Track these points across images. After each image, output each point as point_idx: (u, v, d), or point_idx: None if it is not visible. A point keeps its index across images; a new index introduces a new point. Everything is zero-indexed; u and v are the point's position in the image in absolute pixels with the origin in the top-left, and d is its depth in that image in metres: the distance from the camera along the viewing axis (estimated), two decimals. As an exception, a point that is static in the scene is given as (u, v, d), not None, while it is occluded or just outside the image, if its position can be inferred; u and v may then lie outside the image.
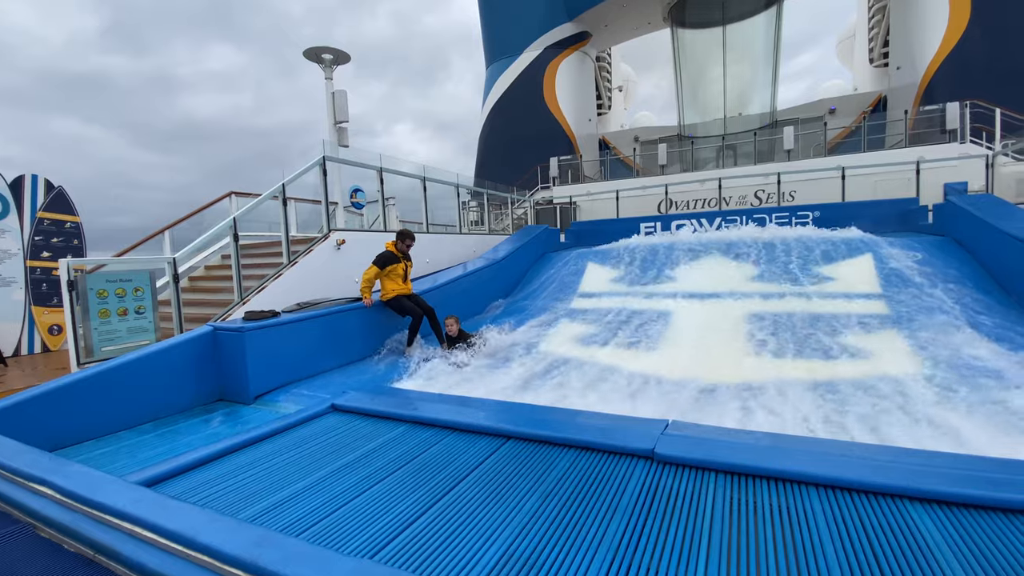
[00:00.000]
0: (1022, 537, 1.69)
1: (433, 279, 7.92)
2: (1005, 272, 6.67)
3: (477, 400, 3.51)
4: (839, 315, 6.04)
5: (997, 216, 7.31)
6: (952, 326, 5.40)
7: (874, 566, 1.60)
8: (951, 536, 1.72)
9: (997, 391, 3.81)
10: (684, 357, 5.45)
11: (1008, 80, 15.97)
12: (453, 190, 11.13)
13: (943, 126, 14.92)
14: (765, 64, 22.79)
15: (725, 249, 9.13)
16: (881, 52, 22.98)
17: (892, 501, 1.90)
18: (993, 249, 7.07)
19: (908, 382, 4.15)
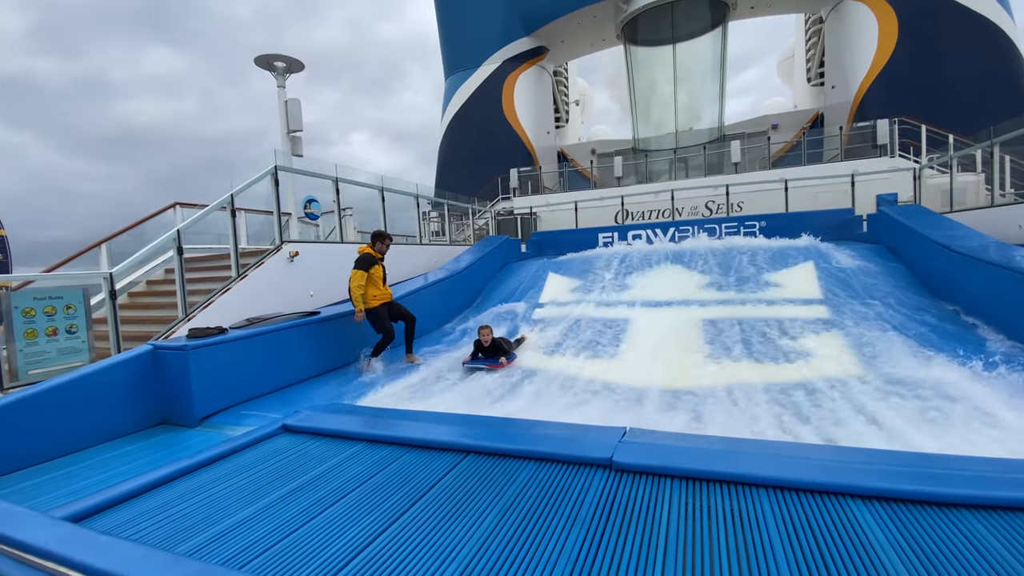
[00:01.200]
0: (955, 529, 1.79)
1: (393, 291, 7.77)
2: (931, 276, 7.18)
3: (436, 415, 3.44)
4: (785, 320, 6.32)
5: (924, 225, 7.87)
6: (885, 328, 5.75)
7: (820, 564, 1.65)
8: (890, 531, 1.80)
9: (926, 389, 4.06)
10: (642, 364, 5.55)
11: (932, 98, 17.36)
12: (413, 200, 11.00)
13: (874, 141, 16.03)
14: (713, 81, 23.85)
15: (679, 258, 9.42)
16: (817, 72, 24.52)
17: (836, 499, 1.97)
18: (920, 255, 7.60)
19: (848, 382, 4.37)
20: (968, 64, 17.64)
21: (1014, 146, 9.70)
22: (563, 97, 29.74)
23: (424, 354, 6.47)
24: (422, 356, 6.34)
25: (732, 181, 15.58)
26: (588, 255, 10.77)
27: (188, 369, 4.12)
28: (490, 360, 5.75)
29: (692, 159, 21.06)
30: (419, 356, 6.25)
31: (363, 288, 5.64)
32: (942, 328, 5.73)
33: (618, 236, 12.42)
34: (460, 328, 8.11)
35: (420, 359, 6.16)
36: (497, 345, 5.82)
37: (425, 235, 15.21)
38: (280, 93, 8.82)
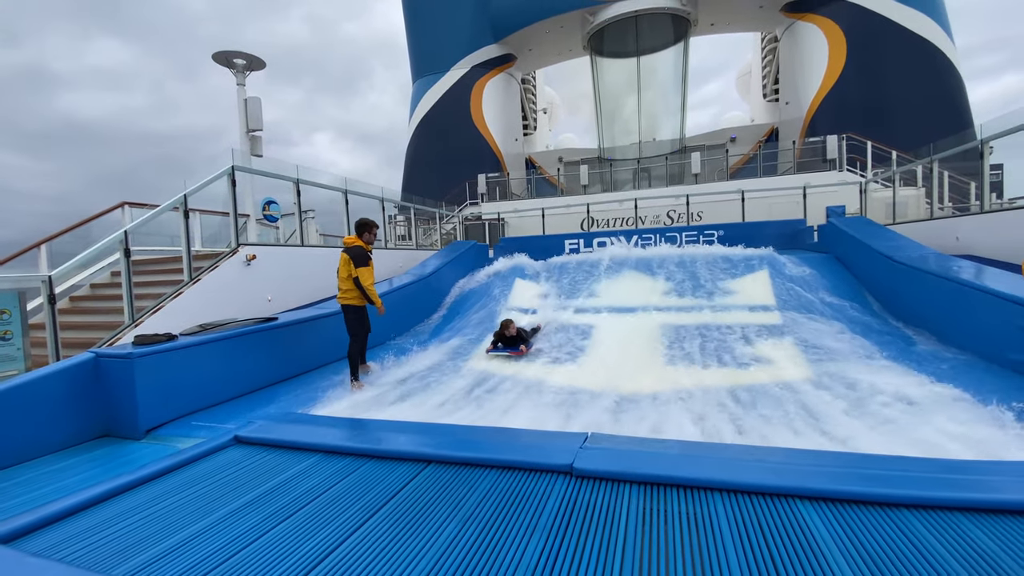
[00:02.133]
0: (896, 529, 1.87)
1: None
2: (875, 284, 7.58)
3: (397, 424, 3.37)
4: (742, 326, 6.54)
5: (869, 236, 8.31)
6: (834, 333, 6.03)
7: (770, 565, 1.69)
8: (836, 531, 1.87)
9: (871, 393, 4.27)
10: (605, 369, 5.61)
11: (877, 116, 18.45)
12: (378, 204, 10.84)
13: (824, 156, 16.88)
14: (675, 93, 24.60)
15: (642, 266, 9.61)
16: (773, 88, 25.66)
17: (786, 501, 2.04)
18: (866, 265, 8.02)
19: (799, 386, 4.55)
20: (911, 84, 18.83)
21: (952, 163, 10.40)
22: (531, 105, 30.04)
23: (388, 361, 6.36)
24: (387, 363, 6.22)
25: (692, 191, 16.08)
26: (555, 261, 10.86)
27: (133, 378, 3.90)
28: (511, 348, 6.28)
29: (655, 169, 21.62)
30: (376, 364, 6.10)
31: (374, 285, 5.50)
32: (883, 333, 6.05)
33: (584, 243, 12.59)
34: (426, 333, 8.02)
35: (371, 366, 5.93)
36: (518, 335, 6.33)
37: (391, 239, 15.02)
38: (239, 91, 8.54)
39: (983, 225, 7.61)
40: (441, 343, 7.35)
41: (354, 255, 5.36)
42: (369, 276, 5.42)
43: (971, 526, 1.86)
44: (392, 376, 5.71)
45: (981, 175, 8.47)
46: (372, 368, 5.88)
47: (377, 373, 5.77)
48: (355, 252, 5.39)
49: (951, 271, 5.77)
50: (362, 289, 5.35)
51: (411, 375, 5.76)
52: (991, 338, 4.80)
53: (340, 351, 6.40)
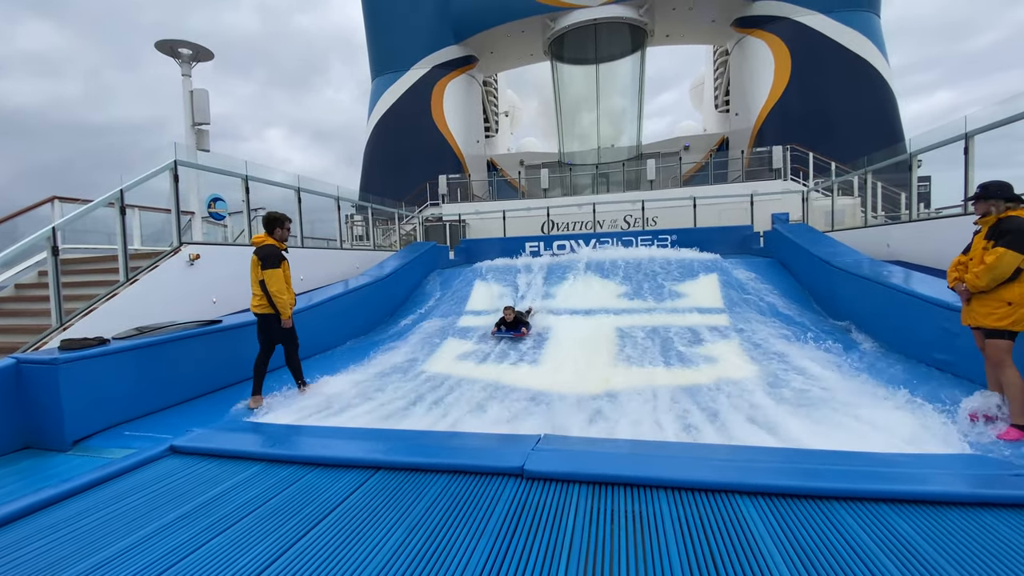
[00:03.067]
0: (827, 521, 1.97)
1: (308, 298, 7.37)
2: (815, 287, 8.00)
3: (345, 430, 3.29)
4: (692, 327, 6.77)
5: (809, 242, 8.77)
6: (776, 333, 6.34)
7: (709, 560, 1.75)
8: (772, 525, 1.94)
9: (810, 388, 4.51)
10: (563, 371, 5.68)
11: (819, 129, 19.52)
12: (334, 203, 10.56)
13: (771, 165, 17.72)
14: (632, 101, 25.22)
15: (599, 268, 9.78)
16: (724, 99, 26.73)
17: (726, 497, 2.11)
18: (806, 268, 8.45)
19: (744, 384, 4.75)
20: (848, 99, 20.05)
21: (885, 174, 11.15)
22: (492, 107, 30.06)
23: (344, 366, 6.19)
24: (340, 368, 6.05)
25: (648, 197, 16.52)
26: (516, 263, 10.90)
27: (58, 385, 3.63)
28: (514, 331, 6.98)
29: (613, 175, 22.07)
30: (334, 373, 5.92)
31: (287, 291, 4.79)
32: (823, 333, 6.40)
33: (544, 245, 12.70)
34: (383, 335, 7.87)
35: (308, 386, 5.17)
36: (518, 319, 7.02)
37: (348, 239, 14.66)
38: (185, 82, 8.12)
39: (912, 233, 8.18)
40: (399, 344, 7.23)
41: (263, 256, 4.69)
42: (279, 280, 4.69)
43: (896, 517, 1.97)
44: (347, 379, 5.56)
45: (910, 186, 9.13)
46: (308, 389, 5.07)
47: (323, 384, 5.34)
48: (264, 252, 4.72)
49: (882, 276, 6.16)
50: (268, 294, 4.66)
51: (366, 378, 5.63)
52: (918, 338, 5.15)
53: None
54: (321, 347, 6.92)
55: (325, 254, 9.85)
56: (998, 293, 3.41)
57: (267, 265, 4.66)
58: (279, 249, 4.84)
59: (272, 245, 4.81)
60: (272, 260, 4.69)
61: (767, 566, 1.70)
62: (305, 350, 6.52)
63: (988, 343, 3.50)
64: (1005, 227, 3.39)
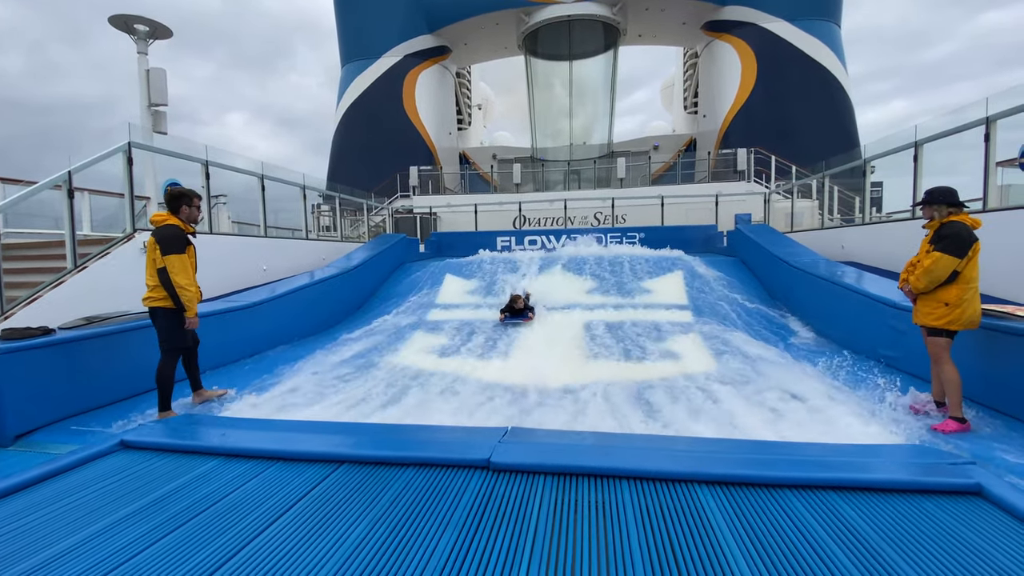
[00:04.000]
0: (780, 509, 2.04)
1: (271, 289, 7.18)
2: (774, 285, 8.31)
3: (308, 424, 3.21)
4: (658, 323, 6.93)
5: (769, 242, 9.09)
6: (737, 329, 6.56)
7: (668, 547, 1.79)
8: (728, 513, 2.01)
9: (765, 381, 4.69)
10: (532, 365, 5.71)
11: (781, 133, 20.18)
12: (299, 192, 10.29)
13: (735, 167, 18.24)
14: (604, 99, 25.47)
15: (570, 264, 9.88)
16: (692, 101, 27.28)
17: (685, 487, 2.17)
18: (766, 267, 8.76)
19: (705, 377, 4.91)
20: (809, 105, 20.81)
21: (841, 179, 11.65)
22: (466, 100, 29.80)
23: (308, 358, 6.05)
24: (305, 361, 5.92)
25: (618, 195, 16.76)
26: (486, 257, 10.89)
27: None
28: (522, 317, 7.30)
29: (584, 172, 22.27)
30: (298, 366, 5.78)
31: (195, 281, 4.08)
32: (781, 330, 6.65)
33: (515, 240, 12.73)
34: (349, 328, 7.73)
35: (221, 391, 4.64)
36: (526, 306, 7.39)
37: (314, 230, 14.32)
38: (141, 60, 7.73)
39: (865, 236, 8.58)
40: (367, 337, 7.14)
41: (163, 238, 3.91)
42: (184, 268, 3.93)
43: (842, 504, 2.07)
44: (311, 372, 5.45)
45: (864, 191, 9.58)
46: (215, 394, 4.53)
47: (283, 377, 5.23)
48: (165, 234, 3.93)
49: (836, 275, 6.45)
50: (170, 286, 3.89)
51: (331, 370, 5.54)
52: (867, 335, 5.42)
53: (247, 347, 6.04)
54: (284, 339, 6.76)
55: (290, 244, 9.61)
56: (937, 295, 3.64)
57: (169, 249, 3.87)
58: (184, 231, 4.07)
59: (175, 226, 4.01)
60: (175, 243, 3.91)
61: (723, 552, 1.76)
62: (268, 342, 6.40)
63: (928, 340, 3.73)
64: (944, 232, 3.60)
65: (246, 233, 10.16)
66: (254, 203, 8.77)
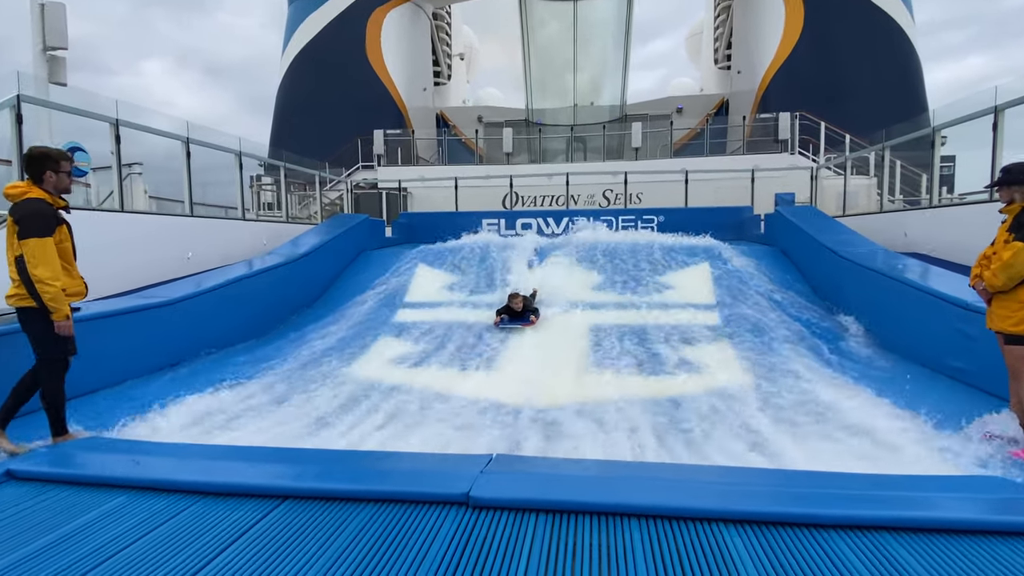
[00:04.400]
0: (822, 553, 2.07)
1: (197, 282, 7.12)
2: (821, 282, 8.40)
3: (241, 450, 3.21)
4: (677, 326, 6.99)
5: (816, 228, 9.18)
6: (775, 336, 6.62)
7: (686, 601, 1.82)
8: (760, 558, 2.04)
9: (809, 401, 4.75)
10: (523, 378, 5.74)
11: (832, 95, 20.31)
12: (234, 160, 10.23)
13: (776, 135, 18.36)
14: (616, 49, 25.49)
15: (572, 253, 9.90)
16: (725, 54, 27.41)
17: (706, 526, 2.20)
18: (812, 260, 8.86)
19: (736, 396, 4.94)
20: (867, 61, 20.97)
21: (904, 151, 11.75)
22: (444, 48, 29.62)
23: (244, 369, 6.02)
24: (239, 372, 5.89)
25: (632, 168, 16.83)
26: (469, 244, 10.88)
27: None
28: (522, 320, 7.24)
29: (591, 139, 22.29)
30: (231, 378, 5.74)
31: (60, 276, 3.58)
32: (827, 338, 6.73)
33: (506, 224, 12.75)
34: (297, 332, 7.71)
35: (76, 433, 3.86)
36: (527, 307, 7.31)
37: (253, 208, 14.23)
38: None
39: (932, 221, 8.71)
40: (318, 343, 7.13)
41: (21, 216, 3.46)
42: (44, 257, 3.45)
43: (897, 547, 2.10)
44: (248, 385, 5.45)
45: (932, 166, 9.68)
46: (71, 436, 3.76)
47: (203, 398, 5.05)
48: (24, 211, 3.47)
49: (895, 269, 6.54)
50: (28, 281, 3.45)
51: (274, 384, 5.53)
52: (933, 342, 5.51)
53: (164, 356, 6.00)
54: (213, 345, 6.71)
55: (222, 226, 9.54)
56: (1017, 294, 3.59)
57: (28, 231, 3.40)
58: (51, 206, 3.61)
59: (38, 200, 3.53)
60: (36, 223, 3.44)
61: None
62: (191, 348, 6.35)
63: (1006, 350, 3.74)
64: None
65: (166, 212, 10.07)
66: (177, 174, 8.69)
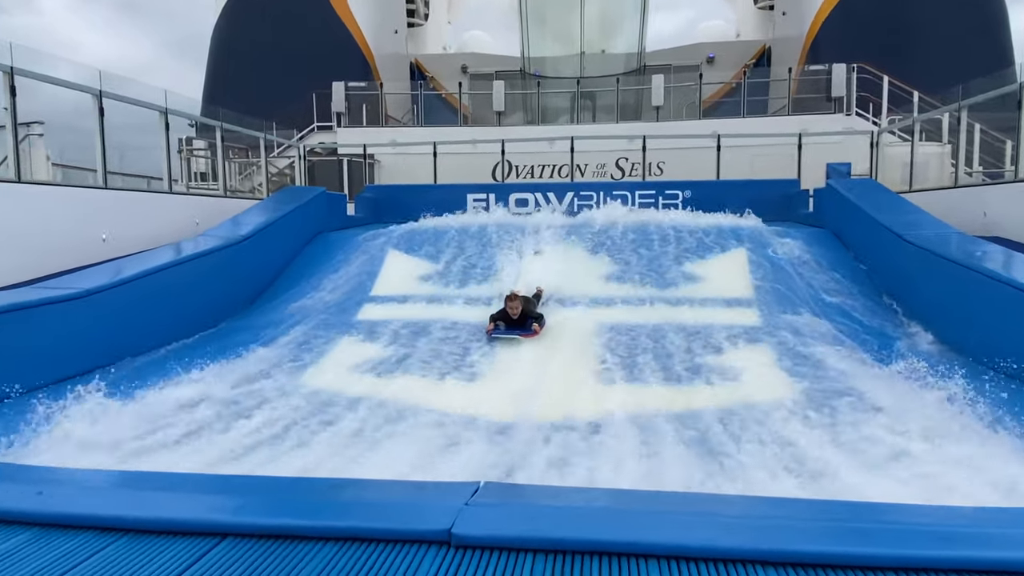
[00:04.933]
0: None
1: (116, 268, 7.10)
2: (883, 271, 8.45)
3: (174, 477, 3.21)
4: (708, 326, 7.03)
5: (876, 206, 9.22)
6: (826, 338, 6.66)
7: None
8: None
9: (865, 416, 4.80)
10: (517, 387, 5.79)
11: (896, 43, 20.25)
12: (158, 120, 10.20)
13: (829, 92, 18.34)
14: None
15: (577, 237, 9.92)
16: (767, -10, 27.31)
17: (740, 568, 2.21)
18: (870, 243, 8.90)
19: (775, 411, 4.99)
20: (940, 2, 20.94)
21: (986, 112, 11.70)
22: (421, -20, 29.46)
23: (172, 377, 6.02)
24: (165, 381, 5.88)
25: (652, 131, 16.77)
26: (451, 224, 10.88)
27: None
28: (521, 330, 6.93)
29: (601, 96, 22.19)
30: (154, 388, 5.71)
31: None
32: (885, 335, 6.79)
33: (496, 199, 12.73)
34: (238, 332, 7.71)
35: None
36: (527, 313, 6.99)
37: (183, 179, 14.14)
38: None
39: (1018, 198, 8.73)
40: (264, 345, 7.14)
41: None
42: None
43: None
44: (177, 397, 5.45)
45: (1018, 131, 9.71)
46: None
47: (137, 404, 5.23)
48: None
49: (973, 257, 6.58)
50: None
51: (208, 395, 5.53)
52: (1017, 346, 5.55)
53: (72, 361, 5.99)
54: (134, 347, 6.70)
55: (144, 201, 9.51)
56: None
57: None
58: None
59: None
60: None
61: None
62: (106, 352, 6.34)
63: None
64: None
65: (74, 182, 10.03)
66: (87, 136, 8.66)
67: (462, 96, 23.28)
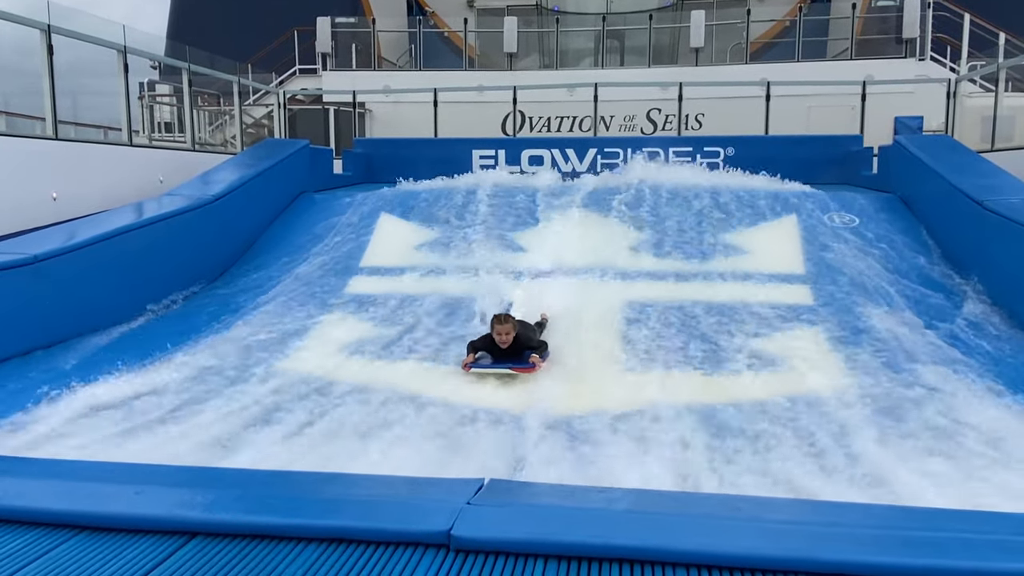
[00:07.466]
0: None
1: (69, 232, 7.15)
2: (956, 241, 8.36)
3: (138, 468, 3.25)
4: (751, 306, 7.00)
5: (952, 167, 9.10)
6: (891, 322, 6.62)
7: None
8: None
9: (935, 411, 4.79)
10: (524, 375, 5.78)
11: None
12: (116, 60, 10.18)
13: (899, 32, 18.02)
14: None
15: (600, 200, 9.88)
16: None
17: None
18: (944, 210, 8.79)
19: (830, 404, 4.99)
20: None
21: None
22: None
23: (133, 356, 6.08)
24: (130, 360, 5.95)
25: (690, 78, 16.57)
26: (454, 185, 10.85)
27: None
28: (517, 364, 5.91)
29: (631, 36, 21.93)
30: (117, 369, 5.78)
31: None
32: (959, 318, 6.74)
33: (506, 156, 12.67)
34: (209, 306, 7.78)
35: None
36: (523, 342, 6.02)
37: (144, 129, 14.15)
38: None
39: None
40: (238, 320, 7.21)
41: None
42: None
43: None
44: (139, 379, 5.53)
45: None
46: None
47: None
48: None
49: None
50: None
51: (175, 378, 5.61)
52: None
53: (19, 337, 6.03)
54: (91, 322, 6.75)
55: (100, 154, 9.52)
56: None
57: None
58: None
59: None
60: None
61: None
62: (62, 329, 6.39)
63: None
64: None
65: (17, 131, 10.04)
66: (30, 78, 8.64)
67: (468, 35, 23.06)
